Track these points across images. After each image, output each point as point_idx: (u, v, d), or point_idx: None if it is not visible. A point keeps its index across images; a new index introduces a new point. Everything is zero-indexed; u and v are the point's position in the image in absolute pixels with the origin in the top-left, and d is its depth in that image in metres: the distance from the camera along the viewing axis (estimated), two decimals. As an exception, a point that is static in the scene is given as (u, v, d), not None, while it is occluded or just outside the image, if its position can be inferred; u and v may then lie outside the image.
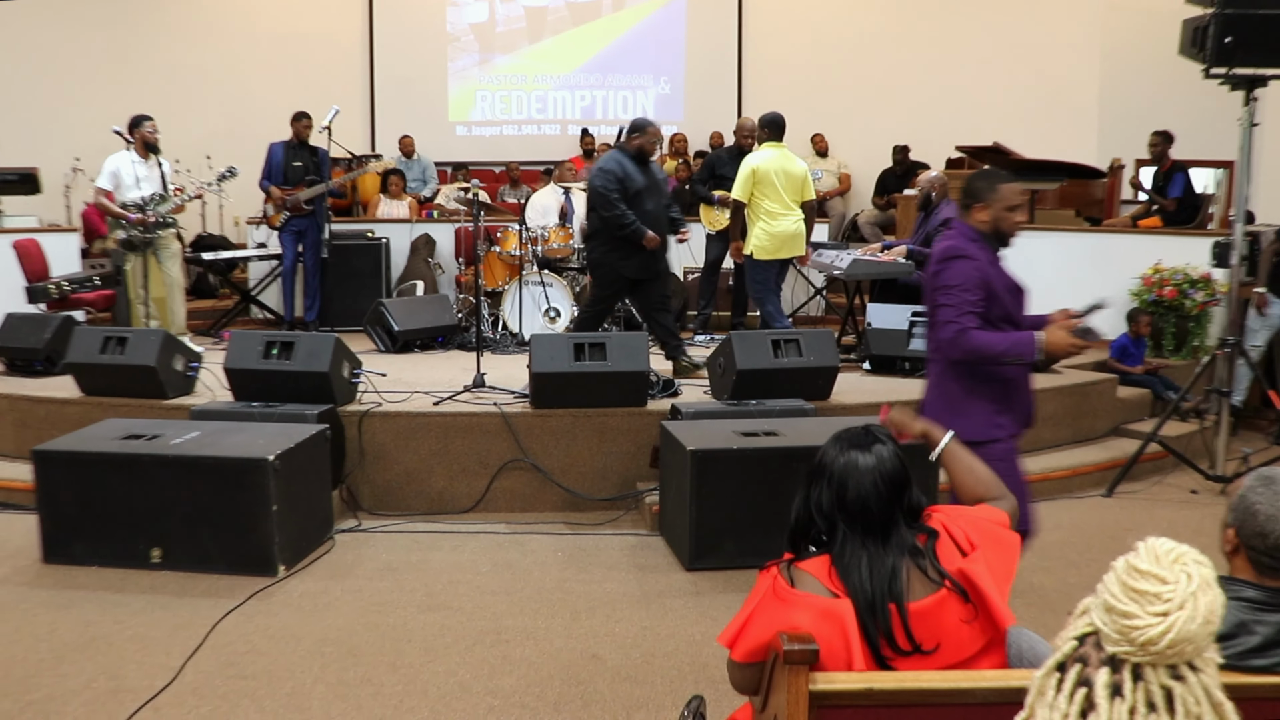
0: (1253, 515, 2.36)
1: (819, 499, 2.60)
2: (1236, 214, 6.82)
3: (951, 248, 3.98)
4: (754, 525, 5.22)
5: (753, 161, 7.77)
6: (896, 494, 2.58)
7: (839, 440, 2.67)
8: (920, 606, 2.46)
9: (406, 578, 5.15)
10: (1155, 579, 1.75)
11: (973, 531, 2.63)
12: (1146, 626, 1.71)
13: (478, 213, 7.49)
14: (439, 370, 7.65)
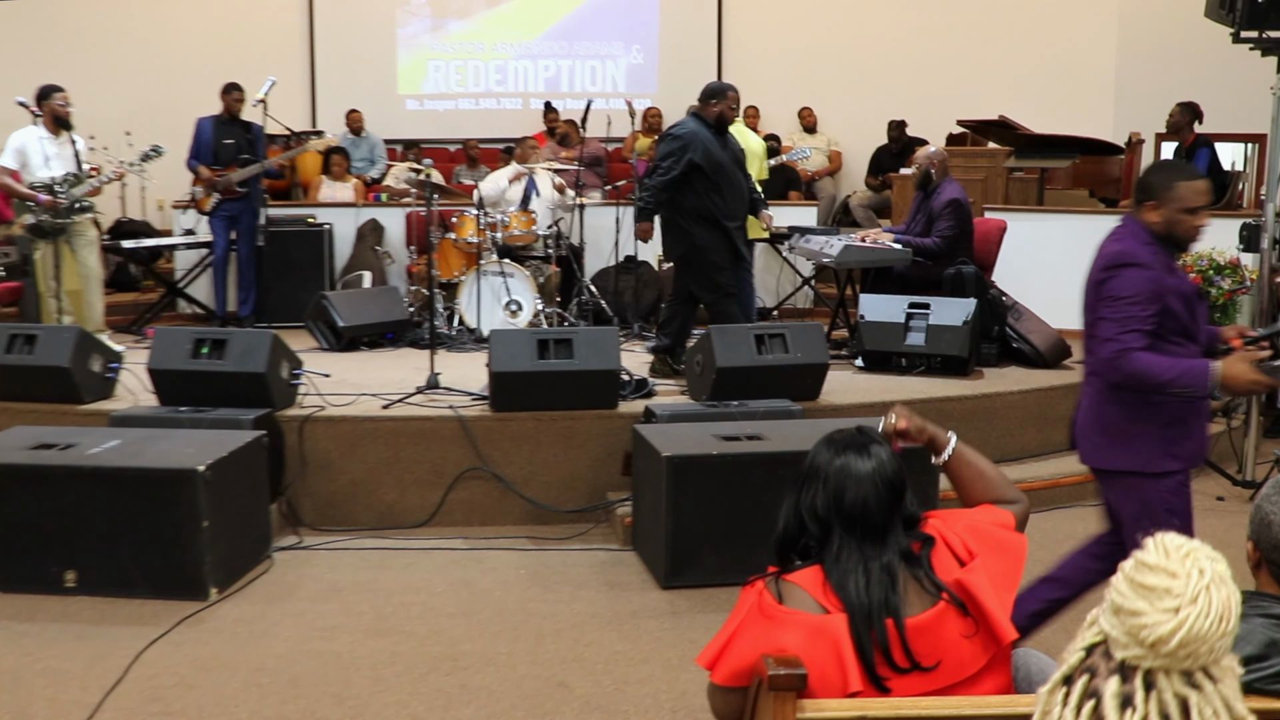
0: (1268, 527, 2.39)
1: (812, 502, 2.62)
2: (1268, 193, 6.87)
3: (1122, 253, 3.78)
4: (736, 538, 5.24)
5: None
6: (896, 498, 2.61)
7: (831, 443, 2.69)
8: (918, 621, 2.48)
9: (353, 599, 5.13)
10: (1164, 573, 1.76)
11: (971, 538, 2.66)
12: (1156, 624, 1.73)
13: (430, 195, 7.48)
14: (388, 370, 7.63)
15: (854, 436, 2.70)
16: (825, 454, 2.67)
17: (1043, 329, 8.04)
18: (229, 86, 9.53)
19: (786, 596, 2.51)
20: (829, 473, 2.63)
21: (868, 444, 2.67)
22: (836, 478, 2.61)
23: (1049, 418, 7.27)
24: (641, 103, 12.81)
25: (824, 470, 2.64)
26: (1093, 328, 3.84)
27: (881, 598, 2.48)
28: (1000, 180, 10.16)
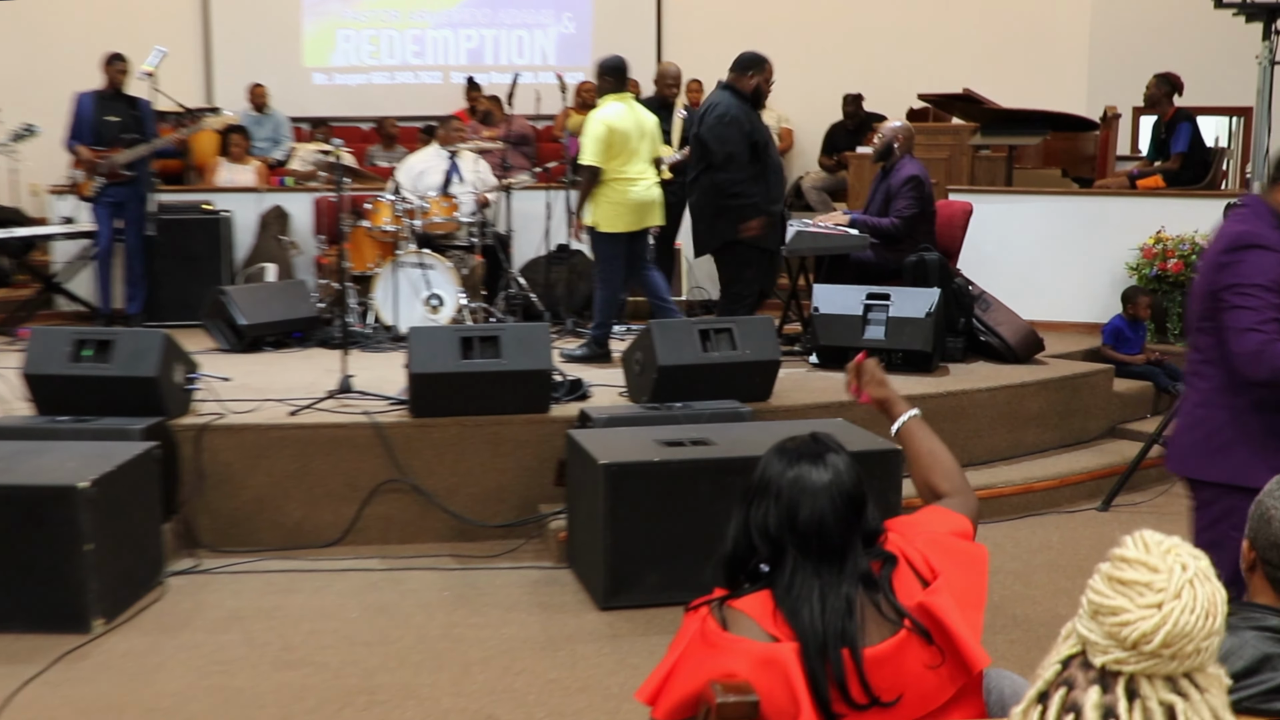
0: (1267, 523, 2.40)
1: (763, 519, 2.60)
2: (1254, 170, 6.97)
3: (1246, 234, 3.64)
4: (681, 554, 5.24)
5: (604, 118, 7.74)
6: (855, 514, 2.60)
7: (784, 452, 2.68)
8: (878, 652, 2.47)
9: (257, 628, 5.09)
10: (1145, 568, 1.77)
11: (933, 552, 2.65)
12: (1138, 620, 1.73)
13: (341, 179, 7.43)
14: (296, 373, 7.59)
15: (809, 444, 2.69)
16: (777, 465, 2.65)
17: (1013, 321, 8.11)
18: (112, 57, 9.40)
19: (732, 624, 2.49)
20: (781, 486, 2.61)
21: (824, 453, 2.65)
22: (790, 491, 2.59)
23: (1020, 417, 7.34)
24: (574, 76, 12.76)
25: (776, 483, 2.62)
26: (1221, 318, 3.67)
27: (837, 627, 2.46)
28: (965, 159, 10.24)
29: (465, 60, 13.85)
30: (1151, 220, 9.21)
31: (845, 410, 6.54)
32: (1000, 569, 5.87)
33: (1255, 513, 2.44)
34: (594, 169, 7.73)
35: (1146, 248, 9.09)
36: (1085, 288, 9.44)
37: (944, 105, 11.27)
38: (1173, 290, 8.98)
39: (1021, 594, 5.51)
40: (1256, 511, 2.44)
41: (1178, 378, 8.24)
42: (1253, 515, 2.44)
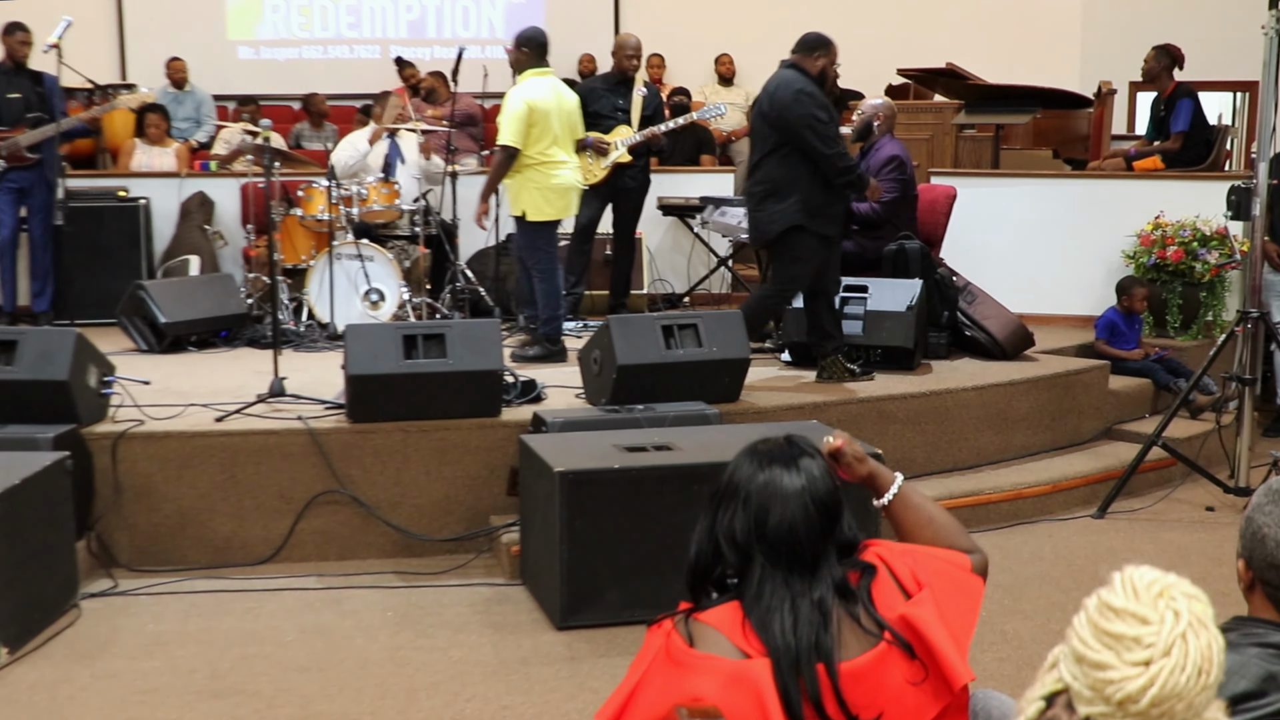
0: (1261, 542, 2.43)
1: (730, 525, 2.63)
2: (1260, 150, 7.02)
3: None
4: (643, 568, 5.26)
5: (525, 95, 7.77)
6: (829, 522, 2.62)
7: (754, 455, 2.70)
8: (855, 666, 2.50)
9: (182, 654, 5.07)
10: (1134, 618, 1.79)
11: (921, 569, 2.68)
12: (1124, 680, 1.75)
13: (271, 163, 7.41)
14: (222, 375, 7.56)
15: (781, 448, 2.71)
16: (747, 468, 2.67)
17: (1000, 314, 8.17)
18: (10, 27, 9.34)
19: (698, 639, 2.51)
20: (750, 490, 2.63)
21: (797, 456, 2.68)
22: (759, 496, 2.62)
23: (1009, 418, 7.40)
24: (524, 50, 12.80)
25: (744, 487, 2.64)
26: None
27: (811, 640, 2.49)
28: (949, 139, 10.32)
29: (405, 33, 13.84)
30: (1150, 204, 9.29)
31: (820, 411, 6.59)
32: (989, 582, 5.89)
33: (1247, 530, 2.46)
34: (511, 150, 7.75)
35: (1144, 234, 9.16)
36: (1078, 278, 9.52)
37: (926, 81, 11.34)
38: (1172, 280, 9.06)
39: (1011, 608, 5.56)
40: (1249, 529, 2.46)
41: (1178, 374, 8.32)
42: (1245, 533, 2.47)
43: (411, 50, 13.56)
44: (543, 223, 7.85)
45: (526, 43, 7.95)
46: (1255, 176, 6.98)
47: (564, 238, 9.85)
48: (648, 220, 10.04)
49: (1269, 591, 2.43)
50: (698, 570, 2.69)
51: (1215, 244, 8.94)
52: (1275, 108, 6.91)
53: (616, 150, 9.19)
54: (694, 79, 13.36)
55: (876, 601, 2.58)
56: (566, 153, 7.95)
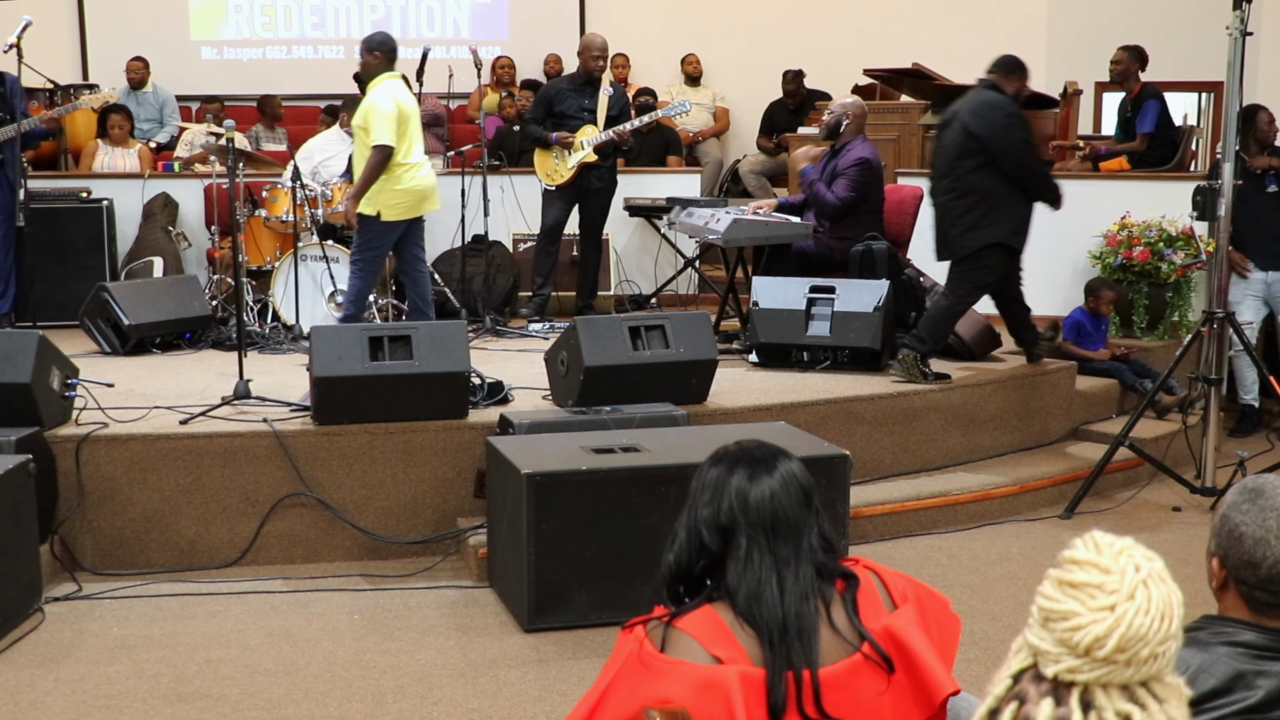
0: (1238, 540, 2.46)
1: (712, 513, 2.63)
2: (1225, 151, 7.08)
3: None
4: (611, 569, 5.28)
5: (393, 96, 7.81)
6: (808, 500, 2.64)
7: (725, 460, 2.70)
8: (829, 673, 2.51)
9: (147, 658, 5.06)
10: (1096, 569, 1.83)
11: (909, 586, 2.69)
12: (1090, 623, 1.79)
13: (234, 164, 7.39)
14: (187, 378, 7.55)
15: (754, 452, 2.71)
16: (717, 470, 2.68)
17: (968, 315, 8.20)
18: (-29, 29, 9.27)
19: (670, 644, 2.52)
20: (727, 480, 2.65)
21: (772, 460, 2.69)
22: (738, 483, 2.63)
23: (976, 418, 7.44)
24: (489, 50, 12.80)
25: (722, 481, 2.66)
26: None
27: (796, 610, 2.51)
28: (915, 140, 10.35)
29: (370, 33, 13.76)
30: (1116, 205, 9.34)
31: (788, 413, 6.61)
32: (956, 583, 5.96)
33: (1222, 529, 2.49)
34: (387, 149, 7.75)
35: (1110, 235, 9.21)
36: (1045, 279, 9.54)
37: (892, 82, 11.36)
38: (1138, 280, 9.11)
39: (979, 609, 5.59)
40: (1224, 528, 2.48)
41: (1144, 375, 8.38)
42: (1219, 531, 2.49)
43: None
44: (390, 223, 7.90)
45: (379, 47, 8.00)
46: (1220, 177, 7.04)
47: (530, 239, 9.88)
48: (614, 221, 10.05)
49: (1243, 590, 2.45)
50: (678, 572, 2.69)
51: (1181, 244, 9.00)
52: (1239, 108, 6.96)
53: (583, 150, 9.20)
54: (660, 79, 13.37)
55: (861, 611, 2.60)
56: (421, 153, 8.00)
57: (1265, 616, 2.44)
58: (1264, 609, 2.44)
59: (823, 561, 2.61)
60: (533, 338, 8.94)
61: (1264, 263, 8.70)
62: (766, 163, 12.60)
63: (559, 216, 9.38)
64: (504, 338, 9.04)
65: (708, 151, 12.95)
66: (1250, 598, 2.45)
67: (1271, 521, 2.43)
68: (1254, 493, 2.48)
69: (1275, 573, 2.41)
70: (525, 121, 9.81)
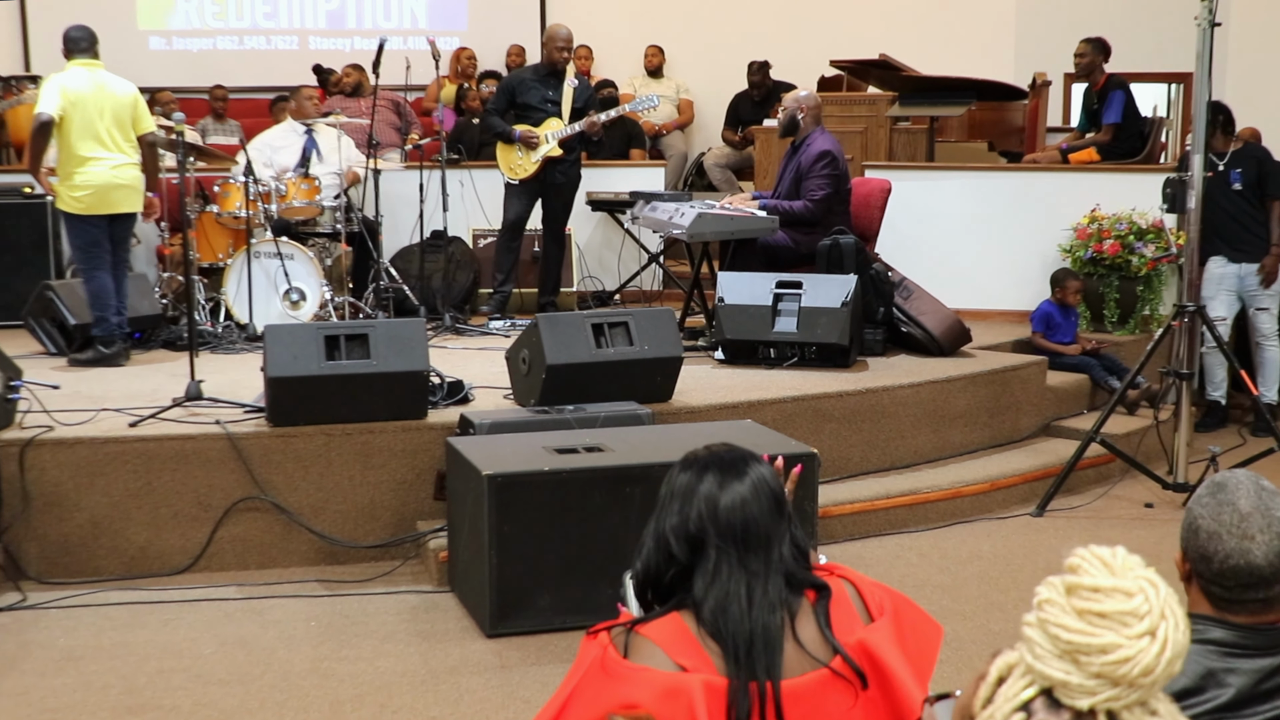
0: (1195, 533, 2.49)
1: (680, 521, 2.61)
2: (1194, 142, 7.12)
3: None
4: (575, 572, 5.27)
5: (59, 78, 7.83)
6: (779, 506, 2.62)
7: (694, 465, 2.69)
8: (795, 686, 2.50)
9: (95, 670, 5.03)
10: (1120, 594, 1.82)
11: (886, 597, 2.68)
12: (1138, 654, 1.78)
13: (183, 159, 7.34)
14: (136, 379, 7.50)
15: (724, 456, 2.70)
16: (686, 476, 2.67)
17: (937, 310, 8.24)
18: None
19: (634, 651, 2.51)
20: (697, 486, 2.63)
21: (743, 464, 2.67)
22: (708, 490, 2.62)
23: (946, 415, 7.46)
24: (448, 42, 12.76)
25: (689, 485, 2.64)
26: None
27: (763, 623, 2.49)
28: (883, 132, 10.39)
29: (324, 23, 13.74)
30: (1086, 198, 9.39)
31: (754, 411, 6.61)
32: (927, 583, 5.97)
33: (1185, 521, 2.52)
34: (45, 120, 7.66)
35: (1080, 228, 9.26)
36: (1015, 272, 9.61)
37: (859, 73, 11.40)
38: (1109, 274, 9.15)
39: (950, 609, 5.60)
40: (1186, 520, 2.52)
41: (1115, 371, 8.42)
42: (1183, 524, 2.53)
43: (331, 41, 13.51)
44: (76, 216, 7.85)
45: (65, 39, 8.02)
46: (1190, 169, 7.08)
47: (491, 234, 9.86)
48: (577, 216, 10.03)
49: (1201, 584, 2.48)
50: (646, 578, 2.67)
51: (1151, 237, 9.06)
52: (1209, 98, 7.01)
53: (547, 144, 9.18)
54: (623, 71, 13.36)
55: (834, 623, 2.58)
56: (109, 149, 7.86)
57: (1228, 612, 2.46)
58: (1221, 604, 2.46)
59: (793, 571, 2.60)
60: (493, 335, 8.91)
61: (1234, 255, 8.75)
62: (732, 156, 12.61)
63: (521, 211, 9.36)
64: (464, 336, 9.01)
65: (672, 145, 12.95)
66: (1208, 591, 2.47)
67: (1226, 516, 2.45)
68: (1217, 487, 2.51)
69: (1227, 568, 2.43)
70: (487, 113, 9.78)
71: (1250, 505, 2.45)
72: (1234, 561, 2.42)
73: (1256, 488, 2.49)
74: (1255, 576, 2.42)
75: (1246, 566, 2.41)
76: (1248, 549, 2.42)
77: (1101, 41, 9.91)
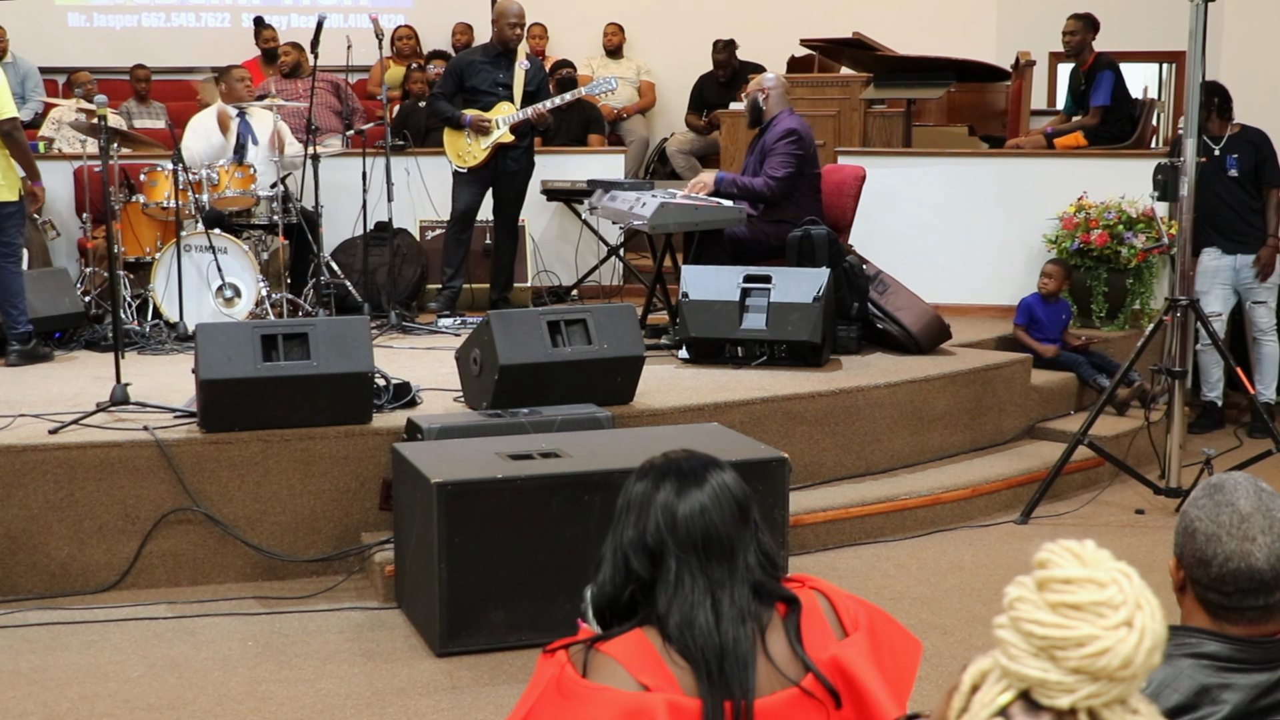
0: (1191, 536, 2.51)
1: (638, 534, 2.63)
2: (1187, 126, 7.15)
3: None
4: (531, 585, 5.28)
5: None
6: (742, 511, 2.64)
7: (650, 474, 2.70)
8: (766, 705, 2.51)
9: (13, 695, 5.01)
10: (1093, 584, 1.83)
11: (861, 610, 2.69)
12: (1116, 644, 1.79)
13: (106, 145, 7.31)
14: (57, 382, 7.48)
15: (682, 459, 2.71)
16: (643, 486, 2.68)
17: (914, 305, 8.26)
18: None
19: (593, 669, 2.52)
20: (653, 496, 2.64)
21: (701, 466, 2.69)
22: (665, 499, 2.63)
23: (925, 416, 7.49)
24: (391, 19, 12.74)
25: (646, 495, 2.65)
26: None
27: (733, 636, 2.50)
28: (856, 115, 10.42)
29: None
30: (1072, 185, 9.42)
31: (721, 413, 6.63)
32: (905, 594, 6.00)
33: (1180, 525, 2.53)
34: None
35: (1066, 217, 9.30)
36: (997, 265, 9.65)
37: (831, 53, 11.43)
38: (1097, 266, 9.19)
39: (931, 623, 5.63)
40: (1181, 524, 2.53)
41: (1104, 369, 8.45)
42: (1178, 528, 2.54)
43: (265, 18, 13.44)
44: None
45: None
46: (1183, 154, 7.10)
47: (440, 225, 9.84)
48: (531, 206, 10.04)
49: (1198, 591, 2.49)
50: (604, 598, 2.68)
51: (1142, 227, 9.10)
52: (1202, 79, 7.04)
53: (498, 130, 9.18)
54: (579, 50, 13.35)
55: (805, 638, 2.59)
56: None
57: (1224, 623, 2.48)
58: (1218, 612, 2.47)
59: (760, 581, 2.61)
60: (442, 334, 8.91)
61: (1230, 246, 8.82)
62: (696, 141, 12.63)
63: (471, 201, 9.34)
64: (411, 334, 9.00)
65: (632, 129, 12.95)
66: (1204, 599, 2.49)
67: (1225, 516, 2.47)
68: (1214, 488, 2.53)
69: (1226, 571, 2.45)
70: (434, 97, 9.76)
71: (1250, 506, 2.48)
72: (1234, 564, 2.44)
73: (1256, 489, 2.51)
74: (1256, 580, 2.44)
75: (1247, 570, 2.44)
76: (1249, 551, 2.44)
77: (1091, 17, 9.94)
